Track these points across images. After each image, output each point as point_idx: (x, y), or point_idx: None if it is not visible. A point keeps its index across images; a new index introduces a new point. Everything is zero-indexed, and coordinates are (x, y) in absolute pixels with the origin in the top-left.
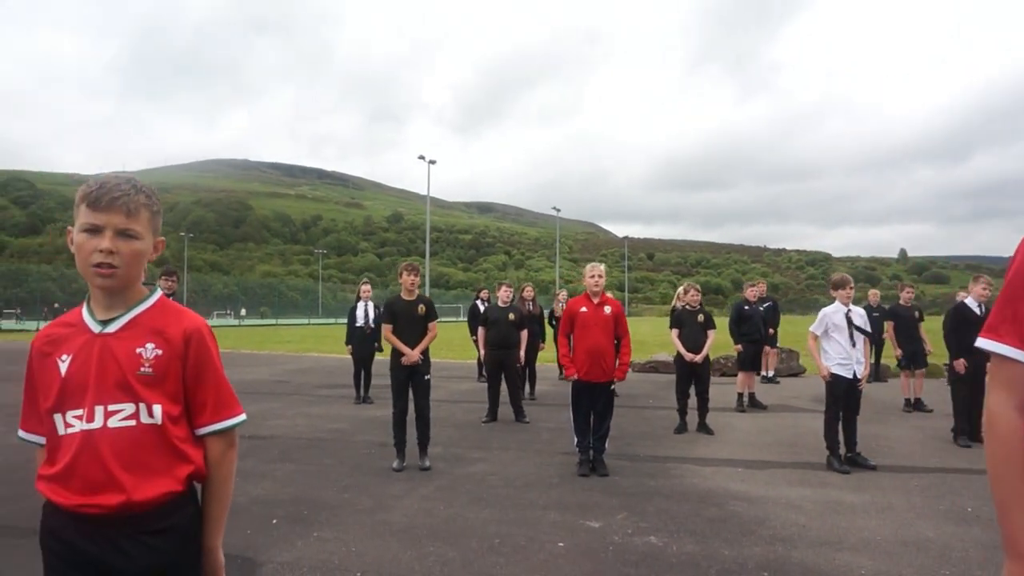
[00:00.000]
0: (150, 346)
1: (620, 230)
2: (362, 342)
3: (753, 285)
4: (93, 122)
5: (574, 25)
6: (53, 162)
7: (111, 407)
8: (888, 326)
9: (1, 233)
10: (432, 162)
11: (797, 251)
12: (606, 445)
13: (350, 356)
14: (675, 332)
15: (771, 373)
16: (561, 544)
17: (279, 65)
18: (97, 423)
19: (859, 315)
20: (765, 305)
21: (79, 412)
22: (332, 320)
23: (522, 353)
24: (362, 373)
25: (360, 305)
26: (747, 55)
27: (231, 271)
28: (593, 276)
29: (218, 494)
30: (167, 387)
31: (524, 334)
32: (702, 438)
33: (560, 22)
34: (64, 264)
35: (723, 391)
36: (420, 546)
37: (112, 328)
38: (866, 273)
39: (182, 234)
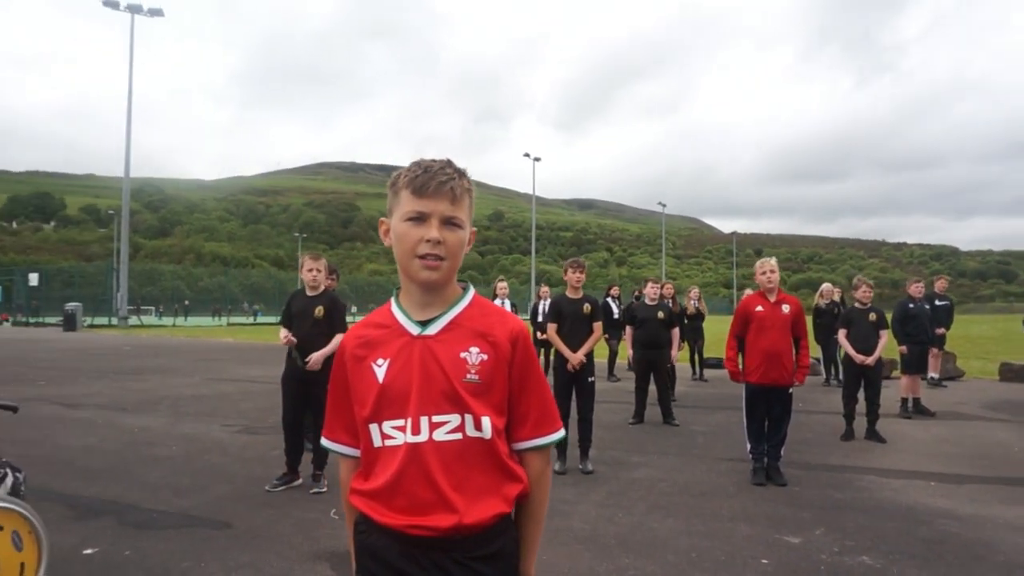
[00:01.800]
0: (475, 350)
1: (725, 225)
2: None
3: (917, 282)
4: (217, 130)
5: (682, 14)
6: (180, 169)
7: (436, 418)
8: None
9: (136, 235)
10: (537, 159)
11: (919, 245)
12: (782, 453)
13: None
14: (843, 332)
15: (937, 376)
16: (765, 561)
17: (388, 69)
18: (422, 436)
19: None
20: (942, 304)
21: (400, 423)
22: None
23: (675, 353)
24: None
25: (496, 303)
26: (868, 35)
27: (340, 270)
28: (765, 272)
29: (536, 515)
30: (493, 396)
31: (675, 333)
32: (875, 447)
33: (667, 11)
34: (191, 264)
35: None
36: (613, 558)
37: (432, 330)
38: (999, 268)
39: (296, 234)
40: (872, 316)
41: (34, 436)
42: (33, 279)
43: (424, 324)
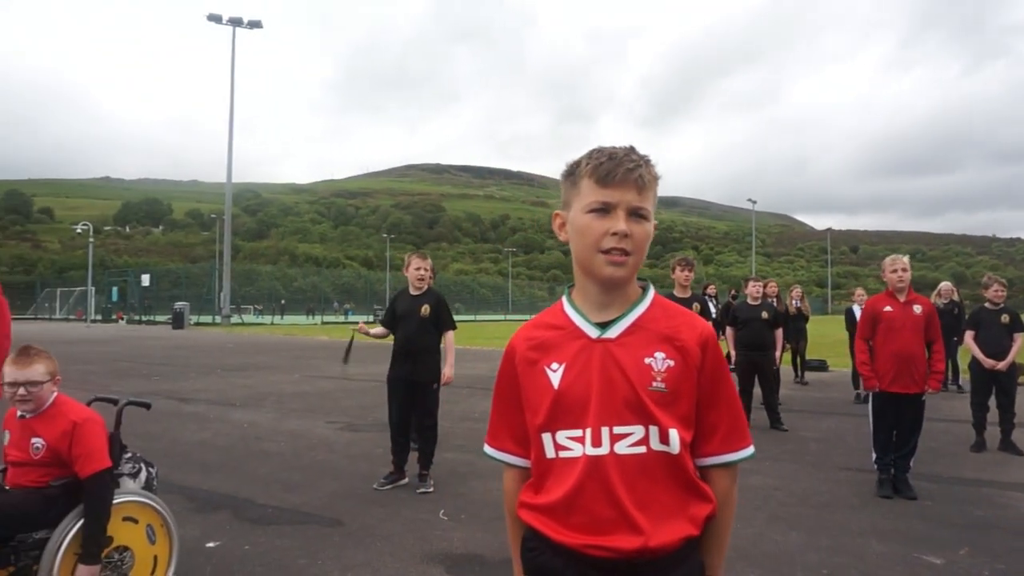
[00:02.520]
0: (660, 355)
1: (819, 222)
2: None
3: None
4: (311, 136)
5: (773, 2)
6: (275, 174)
7: (618, 429)
8: None
9: (235, 238)
10: None
11: None
12: (911, 464)
13: None
14: (970, 334)
15: None
16: None
17: (474, 71)
18: (603, 448)
19: None
20: None
21: (577, 433)
22: (527, 316)
23: (779, 354)
24: None
25: None
26: (977, 17)
27: None
28: (896, 270)
29: (722, 540)
30: (680, 407)
31: (779, 334)
32: (1011, 459)
33: (757, 1)
34: (286, 265)
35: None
36: (737, 572)
37: (613, 332)
38: None
39: (384, 235)
40: (1005, 318)
41: (154, 430)
42: (145, 280)
43: (603, 326)
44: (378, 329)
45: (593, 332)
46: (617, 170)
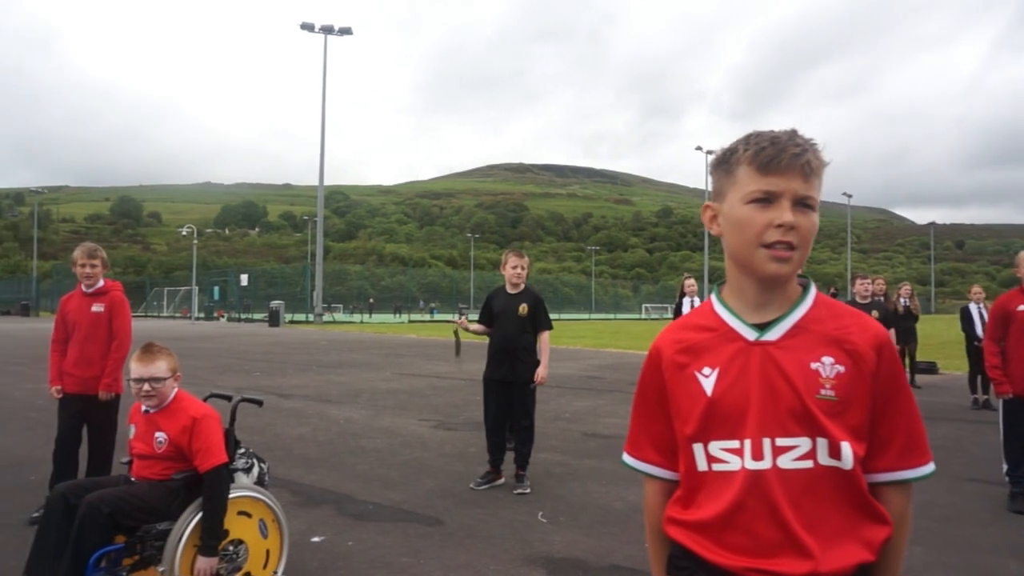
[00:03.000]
0: (828, 360)
1: (920, 216)
2: None
3: None
4: (398, 138)
5: None
6: (362, 176)
7: (781, 441)
8: None
9: (325, 239)
10: (709, 152)
11: None
12: None
13: None
14: None
15: None
16: None
17: (557, 69)
18: (765, 462)
19: None
20: None
21: (733, 444)
22: (611, 315)
23: None
24: None
25: (686, 301)
26: None
27: None
28: None
29: (895, 566)
30: (852, 417)
31: (891, 334)
32: None
33: None
34: (374, 265)
35: None
36: None
37: (773, 335)
38: None
39: (468, 235)
40: None
41: (257, 425)
42: (244, 280)
43: (761, 328)
44: (478, 326)
45: (750, 334)
46: (781, 156)
